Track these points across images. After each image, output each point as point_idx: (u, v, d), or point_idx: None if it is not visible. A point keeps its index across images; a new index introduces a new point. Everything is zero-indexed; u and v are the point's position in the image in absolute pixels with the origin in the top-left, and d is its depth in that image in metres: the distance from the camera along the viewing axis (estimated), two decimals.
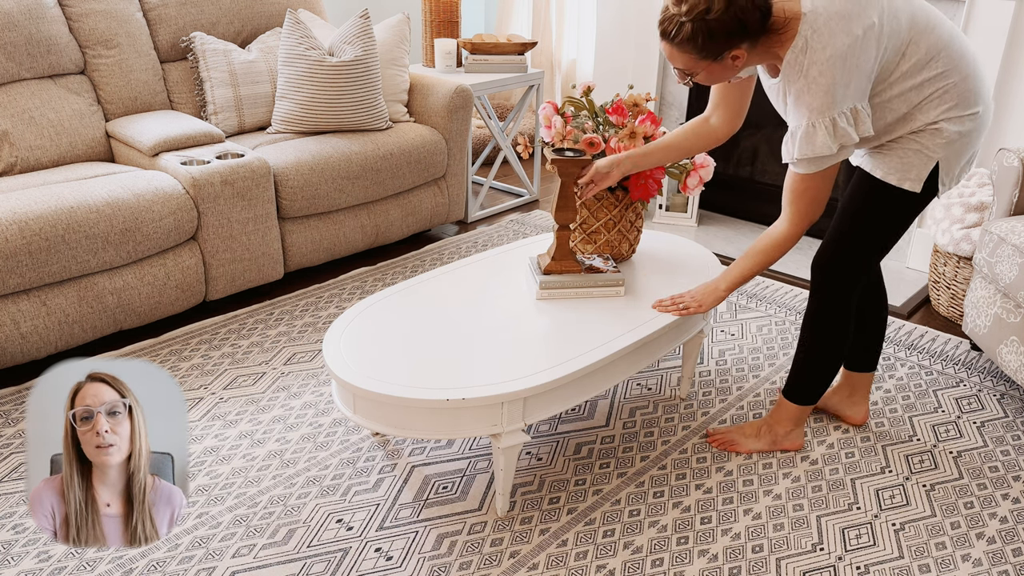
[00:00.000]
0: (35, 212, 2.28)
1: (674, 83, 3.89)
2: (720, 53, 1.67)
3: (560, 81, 4.98)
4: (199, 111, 3.09)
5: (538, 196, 4.03)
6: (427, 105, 3.36)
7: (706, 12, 1.62)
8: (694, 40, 1.65)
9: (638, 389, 2.41)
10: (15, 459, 2.04)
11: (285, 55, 3.06)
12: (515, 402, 1.75)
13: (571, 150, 2.04)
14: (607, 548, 1.82)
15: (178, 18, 3.07)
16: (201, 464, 2.04)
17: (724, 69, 1.72)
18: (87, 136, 2.83)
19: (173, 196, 2.55)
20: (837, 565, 1.79)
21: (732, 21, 1.62)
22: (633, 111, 2.19)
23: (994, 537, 1.88)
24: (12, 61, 2.71)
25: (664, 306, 2.05)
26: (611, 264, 2.15)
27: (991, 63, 2.93)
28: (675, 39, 1.67)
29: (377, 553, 1.79)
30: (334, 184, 2.95)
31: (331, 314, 2.78)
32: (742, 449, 2.13)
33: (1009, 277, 2.26)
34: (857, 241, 1.93)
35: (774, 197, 2.12)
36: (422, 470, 2.04)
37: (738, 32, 1.64)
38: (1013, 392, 2.44)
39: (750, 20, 1.64)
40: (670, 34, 1.67)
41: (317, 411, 2.26)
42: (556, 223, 2.07)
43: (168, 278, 2.59)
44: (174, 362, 2.48)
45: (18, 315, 2.29)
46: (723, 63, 1.70)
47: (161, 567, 1.72)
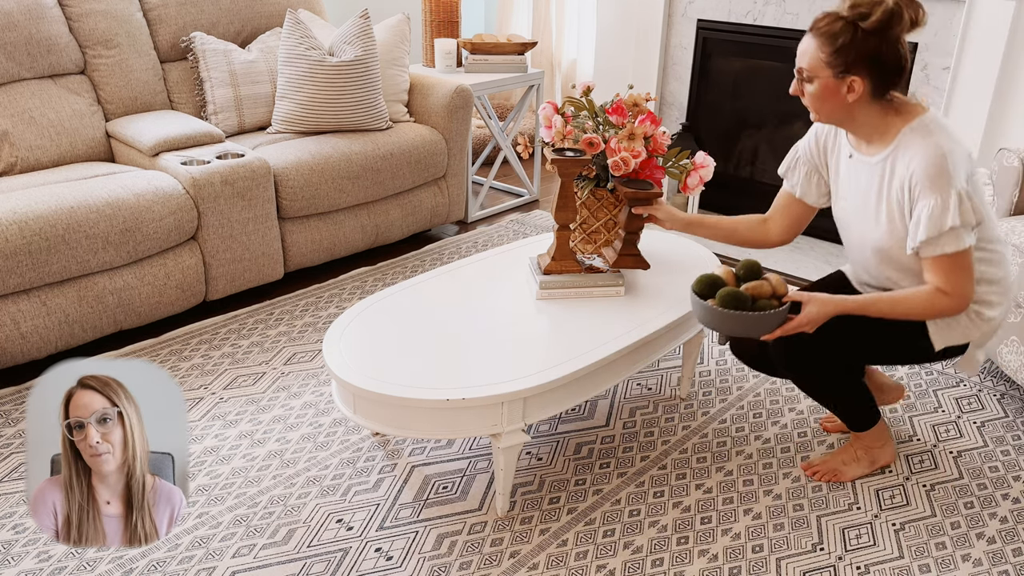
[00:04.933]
0: (35, 212, 2.28)
1: (674, 83, 3.89)
2: (846, 68, 1.69)
3: (560, 81, 4.98)
4: (199, 111, 3.09)
5: (538, 196, 4.03)
6: (427, 105, 3.36)
7: (863, 18, 1.66)
8: (835, 39, 1.68)
9: (638, 389, 2.41)
10: (15, 459, 2.04)
11: (285, 55, 3.06)
12: (515, 402, 1.75)
13: (571, 150, 2.04)
14: (607, 548, 1.82)
15: (178, 18, 3.07)
16: (201, 464, 2.04)
17: (836, 93, 1.73)
18: (87, 136, 2.83)
19: (173, 196, 2.55)
20: (837, 565, 1.79)
21: (875, 45, 1.67)
22: (633, 111, 2.19)
23: (994, 537, 1.88)
24: (12, 61, 2.71)
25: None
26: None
27: (991, 63, 2.93)
28: (821, 29, 1.70)
29: (377, 553, 1.79)
30: (334, 184, 2.95)
31: (331, 314, 2.78)
32: (845, 478, 2.03)
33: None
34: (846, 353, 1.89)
35: (774, 197, 2.11)
36: (422, 470, 2.04)
37: (872, 60, 1.68)
38: (1013, 392, 2.43)
39: (887, 58, 1.69)
40: (819, 24, 1.71)
41: (317, 411, 2.26)
42: (556, 223, 2.07)
43: (168, 278, 2.59)
44: (174, 362, 2.48)
45: (18, 315, 2.29)
46: (840, 83, 1.71)
47: (161, 567, 1.72)
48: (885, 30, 1.66)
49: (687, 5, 3.75)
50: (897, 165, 1.74)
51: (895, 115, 1.76)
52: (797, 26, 3.37)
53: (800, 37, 1.78)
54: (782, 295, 1.80)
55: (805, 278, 3.16)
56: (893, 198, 1.76)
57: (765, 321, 1.74)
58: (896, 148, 1.74)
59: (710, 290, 1.82)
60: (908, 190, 1.71)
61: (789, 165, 2.04)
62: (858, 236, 1.89)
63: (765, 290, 1.79)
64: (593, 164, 2.17)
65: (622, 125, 2.17)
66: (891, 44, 1.68)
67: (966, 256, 1.71)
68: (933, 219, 1.66)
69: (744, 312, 1.73)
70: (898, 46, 1.69)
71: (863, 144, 1.83)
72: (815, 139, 1.97)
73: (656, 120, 2.16)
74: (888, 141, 1.76)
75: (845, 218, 1.93)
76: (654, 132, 2.16)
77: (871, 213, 1.82)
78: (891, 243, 1.80)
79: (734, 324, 1.75)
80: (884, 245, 1.82)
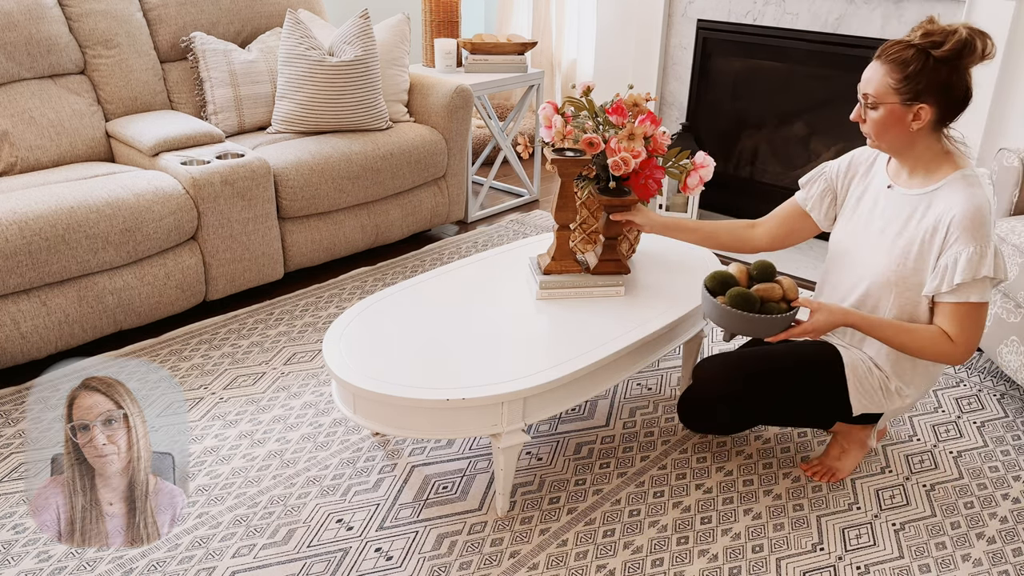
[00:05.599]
0: (35, 212, 2.28)
1: (674, 83, 3.89)
2: (915, 96, 1.69)
3: (560, 81, 4.98)
4: (199, 111, 3.09)
5: (538, 196, 4.03)
6: (427, 105, 3.36)
7: (936, 46, 1.66)
8: (906, 65, 1.68)
9: (638, 389, 2.41)
10: (15, 459, 2.04)
11: (285, 55, 3.06)
12: (515, 402, 1.75)
13: (571, 150, 2.04)
14: (607, 548, 1.82)
15: (178, 18, 3.07)
16: (201, 464, 2.04)
17: (901, 120, 1.72)
18: (87, 136, 2.83)
19: (173, 196, 2.55)
20: (837, 565, 1.79)
21: (946, 75, 1.67)
22: (633, 111, 2.19)
23: (994, 537, 1.88)
24: (12, 61, 2.71)
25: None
26: None
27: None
28: (891, 56, 1.70)
29: (377, 553, 1.79)
30: (334, 184, 2.95)
31: (331, 314, 2.78)
32: (843, 474, 2.05)
33: (1009, 277, 2.26)
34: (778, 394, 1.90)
35: (774, 197, 2.11)
36: (422, 470, 2.04)
37: (941, 91, 1.68)
38: (1013, 392, 2.44)
39: (955, 91, 1.69)
40: (889, 51, 1.71)
41: (317, 411, 2.26)
42: (556, 223, 2.07)
43: (168, 278, 2.59)
44: (174, 362, 2.48)
45: (18, 315, 2.29)
46: (907, 111, 1.71)
47: (161, 567, 1.72)
48: (957, 59, 1.67)
49: (687, 5, 3.75)
50: (935, 203, 1.75)
51: (948, 157, 1.77)
52: (797, 26, 3.37)
53: (800, 37, 1.78)
54: (792, 299, 1.82)
55: (805, 278, 3.16)
56: (919, 235, 1.76)
57: (770, 324, 1.76)
58: (941, 188, 1.75)
59: (722, 287, 1.84)
60: (943, 232, 1.72)
61: (811, 178, 2.04)
62: (858, 265, 1.89)
63: (776, 293, 1.80)
64: (593, 164, 2.17)
65: (622, 125, 2.17)
66: (960, 74, 1.69)
67: (983, 310, 1.72)
68: (971, 265, 1.67)
69: (750, 314, 1.76)
70: (966, 76, 1.70)
71: (903, 175, 1.83)
72: (849, 164, 1.97)
73: (656, 120, 2.16)
74: (935, 179, 1.77)
75: (849, 244, 1.92)
76: (654, 132, 2.16)
77: (885, 243, 1.82)
78: (894, 277, 1.80)
79: (739, 324, 1.77)
80: (883, 279, 1.82)
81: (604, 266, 2.11)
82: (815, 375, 1.88)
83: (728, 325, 1.79)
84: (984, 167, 2.99)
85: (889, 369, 1.88)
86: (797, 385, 1.89)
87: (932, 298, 1.77)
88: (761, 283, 1.83)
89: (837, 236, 1.97)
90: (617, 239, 2.14)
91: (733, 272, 1.87)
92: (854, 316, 1.79)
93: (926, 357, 1.77)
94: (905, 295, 1.80)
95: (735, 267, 1.88)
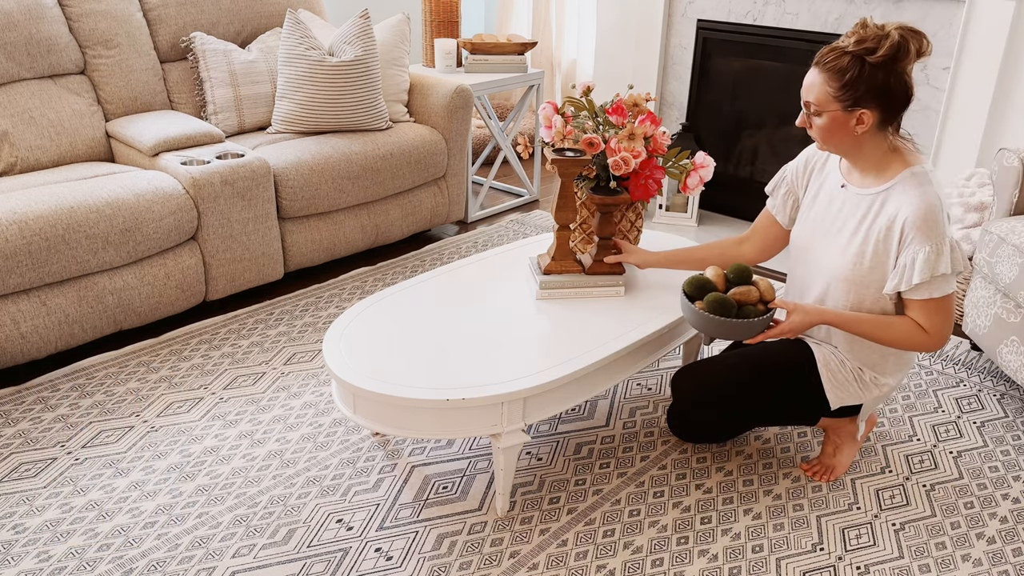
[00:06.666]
0: (35, 212, 2.28)
1: (674, 83, 3.89)
2: (855, 102, 1.70)
3: (560, 81, 4.98)
4: (199, 111, 3.09)
5: (538, 196, 4.03)
6: (427, 105, 3.36)
7: (870, 52, 1.67)
8: (843, 73, 1.69)
9: (638, 389, 2.41)
10: (15, 459, 2.03)
11: (285, 55, 3.06)
12: (515, 402, 1.75)
13: (571, 150, 2.04)
14: (607, 548, 1.82)
15: (178, 18, 3.07)
16: (201, 464, 2.04)
17: (844, 126, 1.73)
18: (87, 136, 2.83)
19: (173, 196, 2.55)
20: (837, 565, 1.79)
21: (883, 78, 1.68)
22: (633, 111, 2.19)
23: (994, 537, 1.88)
24: (12, 61, 2.71)
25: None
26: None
27: (991, 63, 2.93)
28: (827, 64, 1.71)
29: (377, 553, 1.79)
30: (334, 184, 2.95)
31: (331, 314, 2.78)
32: (841, 471, 2.05)
33: (1009, 277, 2.26)
34: (747, 403, 1.95)
35: None
36: (422, 470, 2.04)
37: (880, 94, 1.69)
38: (1013, 392, 2.44)
39: (895, 93, 1.70)
40: (825, 59, 1.72)
41: (317, 411, 2.26)
42: (556, 223, 2.07)
43: (168, 278, 2.59)
44: (174, 362, 2.48)
45: (18, 315, 2.29)
46: (849, 116, 1.72)
47: (161, 567, 1.72)
48: (892, 63, 1.67)
49: (687, 5, 3.75)
50: (888, 203, 1.77)
51: (897, 154, 1.79)
52: (797, 26, 3.37)
53: (800, 37, 1.78)
54: (769, 301, 1.85)
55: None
56: (873, 234, 1.79)
57: (748, 328, 1.80)
58: (893, 186, 1.77)
59: (699, 292, 1.86)
60: (898, 232, 1.74)
61: (775, 183, 2.08)
62: (816, 262, 1.91)
63: (752, 296, 1.83)
64: (593, 164, 2.17)
65: (622, 125, 2.17)
66: (898, 76, 1.69)
67: (949, 301, 1.76)
68: (929, 264, 1.70)
69: (727, 319, 1.78)
70: (904, 77, 1.70)
71: (855, 175, 1.85)
72: (804, 163, 2.00)
73: (656, 120, 2.17)
74: (886, 178, 1.79)
75: (807, 242, 1.95)
76: (654, 132, 2.16)
77: (841, 243, 1.85)
78: (850, 275, 1.83)
79: (718, 328, 1.80)
80: (839, 277, 1.85)
81: (598, 267, 2.12)
82: (789, 376, 1.92)
83: (707, 330, 1.82)
84: (984, 167, 3.00)
85: (857, 361, 1.91)
86: (772, 390, 1.93)
87: (899, 293, 1.80)
88: (738, 286, 1.85)
89: (796, 232, 2.00)
90: (611, 239, 2.14)
91: (710, 276, 1.89)
92: (829, 315, 1.82)
93: (905, 348, 1.81)
94: (863, 292, 1.83)
95: (712, 271, 1.90)
